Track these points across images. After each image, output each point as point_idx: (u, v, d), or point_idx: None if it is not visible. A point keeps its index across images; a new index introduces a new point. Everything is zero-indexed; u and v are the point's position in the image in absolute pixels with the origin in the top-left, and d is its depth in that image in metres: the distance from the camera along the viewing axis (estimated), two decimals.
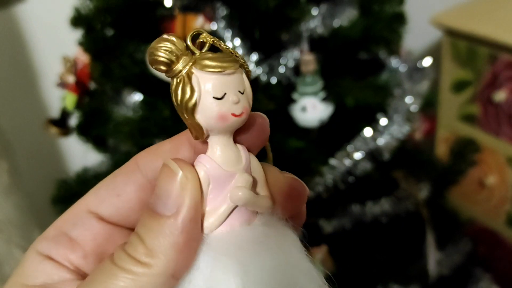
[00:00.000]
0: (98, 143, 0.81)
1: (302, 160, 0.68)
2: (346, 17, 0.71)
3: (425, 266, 0.83)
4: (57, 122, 0.80)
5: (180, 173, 0.19)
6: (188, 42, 0.20)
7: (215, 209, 0.20)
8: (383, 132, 0.69)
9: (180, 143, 0.22)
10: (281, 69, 0.70)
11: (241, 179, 0.20)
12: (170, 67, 0.20)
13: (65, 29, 0.75)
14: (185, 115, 0.20)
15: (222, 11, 0.67)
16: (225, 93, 0.20)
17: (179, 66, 0.19)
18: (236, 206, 0.20)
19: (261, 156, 0.23)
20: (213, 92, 0.19)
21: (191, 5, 0.67)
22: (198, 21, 0.69)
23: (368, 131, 0.70)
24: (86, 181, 0.78)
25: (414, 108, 0.70)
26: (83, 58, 0.77)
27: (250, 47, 0.68)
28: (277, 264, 0.20)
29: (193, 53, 0.20)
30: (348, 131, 0.71)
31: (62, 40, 0.81)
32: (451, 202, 0.95)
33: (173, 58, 0.19)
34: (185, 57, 0.20)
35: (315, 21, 0.69)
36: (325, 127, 0.70)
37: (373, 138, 0.69)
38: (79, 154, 0.87)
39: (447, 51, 1.14)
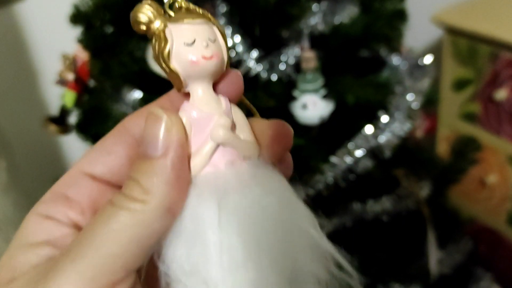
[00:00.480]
0: (98, 140, 0.80)
1: (302, 158, 0.68)
2: (346, 14, 0.70)
3: (426, 265, 0.82)
4: (56, 120, 0.80)
5: (165, 117, 0.21)
6: (165, 6, 0.23)
7: (199, 150, 0.22)
8: (384, 130, 0.69)
9: (162, 103, 0.24)
10: (282, 66, 0.69)
11: (221, 118, 0.22)
12: (149, 27, 0.22)
13: (64, 27, 0.75)
14: (164, 65, 0.22)
15: (222, 8, 0.67)
16: (195, 39, 0.22)
17: (155, 24, 0.22)
18: (219, 146, 0.22)
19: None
20: (183, 38, 0.22)
21: (191, 2, 0.67)
22: None
23: (369, 129, 0.69)
24: None
25: (415, 105, 0.70)
26: (83, 55, 0.76)
27: (250, 44, 0.68)
28: (261, 200, 0.21)
29: (169, 16, 0.23)
30: (349, 129, 0.70)
31: (61, 38, 0.80)
32: (452, 201, 0.95)
33: (152, 18, 0.22)
34: (161, 17, 0.22)
35: (315, 18, 0.69)
36: (326, 124, 0.70)
37: (374, 135, 0.69)
38: (78, 152, 0.87)
39: (448, 49, 1.14)
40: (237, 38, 0.67)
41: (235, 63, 0.67)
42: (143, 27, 0.22)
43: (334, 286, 0.23)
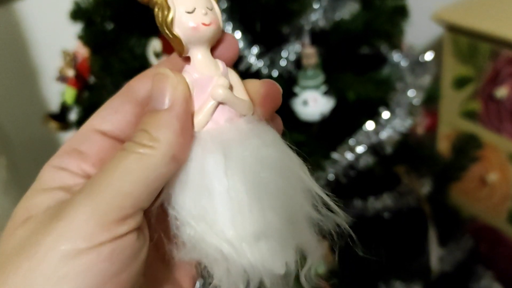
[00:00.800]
0: None
1: (303, 154, 0.68)
2: (347, 10, 0.70)
3: (427, 262, 0.82)
4: (57, 116, 0.80)
5: (171, 75, 0.23)
6: None
7: (201, 108, 0.24)
8: (385, 126, 0.69)
9: (164, 66, 0.26)
10: (282, 62, 0.69)
11: (220, 79, 0.24)
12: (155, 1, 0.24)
13: (64, 23, 0.75)
14: (167, 32, 0.24)
15: (223, 3, 0.67)
16: (195, 8, 0.24)
17: None
18: (219, 104, 0.24)
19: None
20: (184, 7, 0.24)
21: None
22: None
23: (370, 125, 0.69)
24: None
25: (416, 101, 0.70)
26: (83, 52, 0.76)
27: (251, 40, 0.67)
28: (260, 150, 0.23)
29: None
30: (350, 125, 0.70)
31: (61, 34, 0.80)
32: (452, 199, 0.95)
33: None
34: None
35: (316, 14, 0.68)
36: (327, 121, 0.70)
37: (375, 131, 0.69)
38: None
39: (449, 47, 1.14)
40: (238, 34, 0.67)
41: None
42: (146, 1, 0.24)
43: (325, 225, 0.25)
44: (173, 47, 0.25)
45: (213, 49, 0.25)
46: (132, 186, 0.21)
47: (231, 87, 0.24)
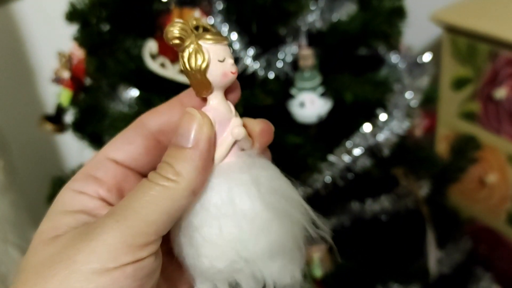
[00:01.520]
0: (94, 140, 0.80)
1: (300, 156, 0.67)
2: (344, 11, 0.70)
3: (425, 264, 0.82)
4: (52, 118, 0.79)
5: (199, 116, 0.26)
6: (191, 25, 0.28)
7: (220, 144, 0.27)
8: (383, 128, 0.68)
9: (174, 104, 0.29)
10: (279, 64, 0.69)
11: (238, 120, 0.28)
12: (182, 41, 0.27)
13: (60, 24, 0.74)
14: (198, 76, 0.27)
15: (219, 5, 0.66)
16: (224, 58, 0.27)
17: (189, 40, 0.27)
18: (235, 142, 0.27)
19: None
20: (217, 56, 0.27)
21: None
22: (195, 16, 0.68)
23: (367, 127, 0.69)
24: None
25: (414, 103, 0.70)
26: (79, 53, 0.76)
27: (247, 41, 0.67)
28: (271, 179, 0.27)
29: (196, 35, 0.28)
30: (347, 127, 0.70)
31: (57, 35, 0.80)
32: (451, 201, 0.95)
33: (184, 34, 0.27)
34: (193, 35, 0.27)
35: (313, 15, 0.68)
36: (324, 122, 0.69)
37: (373, 133, 0.68)
38: (76, 151, 0.86)
39: (447, 48, 1.13)
40: (234, 36, 0.66)
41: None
42: (177, 41, 0.27)
43: (314, 238, 0.28)
44: (195, 88, 0.28)
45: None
46: (156, 215, 0.24)
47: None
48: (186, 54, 0.27)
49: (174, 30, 0.27)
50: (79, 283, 0.23)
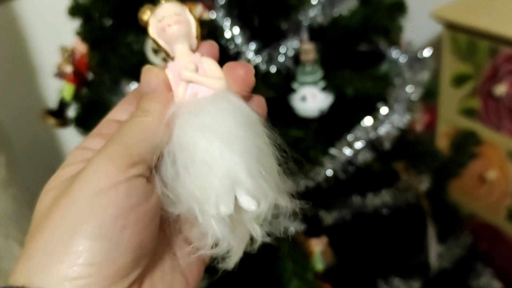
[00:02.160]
0: None
1: (301, 150, 0.68)
2: (346, 6, 0.70)
3: (426, 259, 0.82)
4: (55, 113, 0.80)
5: (153, 67, 0.30)
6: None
7: (177, 86, 0.30)
8: (384, 121, 0.68)
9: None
10: (281, 58, 0.69)
11: (187, 65, 0.30)
12: (145, 22, 0.31)
13: (63, 19, 0.75)
14: (156, 43, 0.31)
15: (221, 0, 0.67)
16: (164, 16, 0.30)
17: (147, 17, 0.31)
18: (188, 83, 0.30)
19: None
20: (157, 18, 0.30)
21: None
22: (197, 10, 0.69)
23: (368, 120, 0.69)
24: None
25: (414, 97, 0.70)
26: (81, 48, 0.76)
27: (249, 36, 0.67)
28: (225, 106, 0.29)
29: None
30: (348, 121, 0.70)
31: (60, 30, 0.80)
32: (451, 197, 0.95)
33: (148, 17, 0.31)
34: (151, 12, 0.31)
35: (314, 10, 0.68)
36: (325, 116, 0.70)
37: (374, 127, 0.68)
38: None
39: (448, 44, 1.14)
40: (236, 30, 0.67)
41: (234, 54, 0.67)
42: (142, 23, 0.31)
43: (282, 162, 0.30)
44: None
45: (197, 48, 0.32)
46: (134, 141, 0.28)
47: (198, 70, 0.30)
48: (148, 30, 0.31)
49: (144, 11, 0.31)
50: (79, 208, 0.25)
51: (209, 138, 0.27)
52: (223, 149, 0.27)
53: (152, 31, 0.31)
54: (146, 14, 0.31)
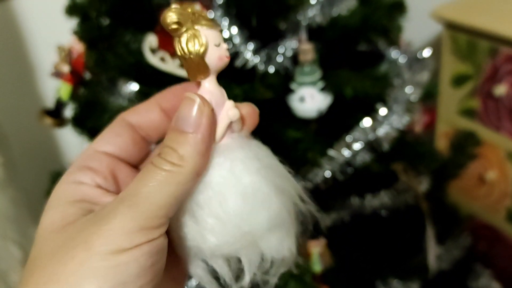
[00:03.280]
0: (94, 134, 0.80)
1: (300, 151, 0.67)
2: (345, 6, 0.70)
3: (425, 260, 0.82)
4: (52, 112, 0.79)
5: (198, 100, 0.27)
6: (189, 10, 0.28)
7: (219, 125, 0.28)
8: (383, 122, 0.68)
9: (151, 104, 0.31)
10: (279, 58, 0.68)
11: (231, 103, 0.29)
12: (181, 26, 0.27)
13: (60, 18, 0.74)
14: (196, 60, 0.28)
15: None
16: (220, 42, 0.28)
17: (187, 25, 0.27)
18: (231, 123, 0.29)
19: None
20: (214, 41, 0.28)
21: None
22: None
23: (367, 121, 0.69)
24: None
25: (414, 98, 0.69)
26: (78, 47, 0.76)
27: (247, 35, 0.67)
28: (265, 157, 0.29)
29: (192, 20, 0.28)
30: (347, 122, 0.70)
31: (57, 29, 0.80)
32: (451, 197, 0.95)
33: (181, 19, 0.27)
34: (189, 19, 0.27)
35: (313, 9, 0.68)
36: (324, 117, 0.69)
37: (373, 128, 0.68)
38: (75, 146, 0.86)
39: (447, 44, 1.13)
40: (234, 30, 0.66)
41: (232, 55, 0.66)
42: (175, 26, 0.27)
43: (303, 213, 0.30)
44: (191, 72, 0.29)
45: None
46: (165, 199, 0.26)
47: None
48: (184, 39, 0.27)
49: (173, 15, 0.27)
50: (98, 262, 0.24)
51: (256, 187, 0.27)
52: (267, 202, 0.27)
53: (203, 49, 0.27)
54: (177, 18, 0.27)
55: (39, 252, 0.26)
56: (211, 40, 0.28)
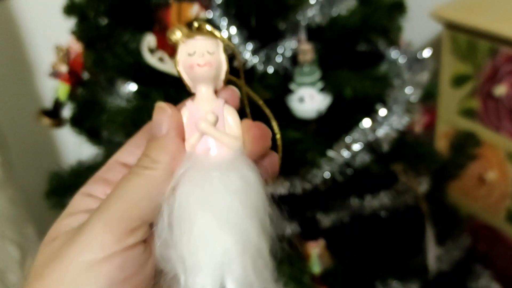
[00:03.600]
0: (92, 135, 0.79)
1: (299, 152, 0.67)
2: (344, 6, 0.69)
3: (424, 261, 0.82)
4: (50, 113, 0.79)
5: (168, 108, 0.28)
6: (193, 28, 0.29)
7: (191, 134, 0.28)
8: (382, 123, 0.68)
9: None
10: (278, 59, 0.68)
11: (209, 115, 0.28)
12: (174, 41, 0.28)
13: (58, 18, 0.74)
14: (177, 69, 0.28)
15: None
16: (195, 51, 0.27)
17: (177, 38, 0.28)
18: (203, 135, 0.28)
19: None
20: (188, 50, 0.28)
21: None
22: (194, 9, 0.68)
23: (366, 122, 0.68)
24: (80, 173, 0.77)
25: (414, 98, 0.69)
26: (76, 47, 0.75)
27: (246, 36, 0.67)
28: (230, 182, 0.26)
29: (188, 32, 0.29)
30: (347, 122, 0.69)
31: (55, 29, 0.79)
32: (450, 198, 0.94)
33: (178, 38, 0.28)
34: (184, 36, 0.28)
35: (313, 9, 0.67)
36: (323, 118, 0.69)
37: (372, 129, 0.68)
38: (73, 146, 0.86)
39: (447, 44, 1.13)
40: (233, 30, 0.66)
41: (230, 55, 0.66)
42: (170, 42, 0.28)
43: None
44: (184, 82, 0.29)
45: (219, 90, 0.29)
46: (137, 200, 0.26)
47: (218, 122, 0.28)
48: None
49: (171, 32, 0.28)
50: (72, 278, 0.24)
51: (208, 217, 0.25)
52: (221, 233, 0.25)
53: (178, 61, 0.28)
54: (175, 34, 0.28)
55: (34, 264, 0.26)
56: (186, 49, 0.28)
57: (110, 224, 0.25)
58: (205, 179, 0.26)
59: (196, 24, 0.28)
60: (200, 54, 0.27)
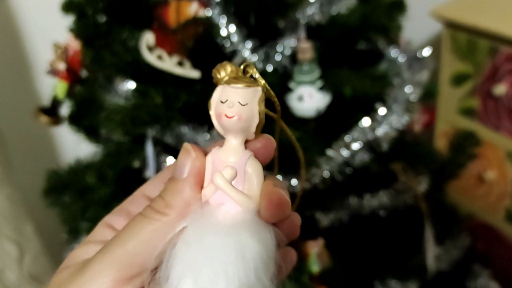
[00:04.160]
0: (90, 133, 0.79)
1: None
2: (344, 4, 0.69)
3: (424, 261, 0.81)
4: (48, 110, 0.78)
5: (192, 151, 0.27)
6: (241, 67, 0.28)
7: (209, 183, 0.27)
8: (382, 122, 0.67)
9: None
10: (277, 57, 0.68)
11: (226, 169, 0.27)
12: (216, 83, 0.27)
13: (56, 15, 0.73)
14: (210, 113, 0.28)
15: None
16: (227, 99, 0.26)
17: (217, 79, 0.27)
18: (218, 188, 0.27)
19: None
20: (220, 95, 0.27)
21: None
22: (192, 7, 0.67)
23: (366, 121, 0.68)
24: (78, 171, 0.76)
25: (413, 97, 0.69)
26: (74, 45, 0.75)
27: (245, 34, 0.66)
28: (231, 244, 0.25)
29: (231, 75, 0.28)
30: (346, 121, 0.69)
31: (53, 27, 0.79)
32: (450, 197, 0.94)
33: (222, 76, 0.27)
34: (225, 77, 0.27)
35: (312, 8, 0.67)
36: (322, 116, 0.69)
37: (372, 128, 0.67)
38: (72, 144, 0.85)
39: (447, 43, 1.13)
40: (232, 28, 0.65)
41: (229, 53, 0.66)
42: (214, 80, 0.27)
43: None
44: None
45: (250, 141, 0.28)
46: (141, 247, 0.25)
47: (237, 178, 0.27)
48: None
49: (216, 71, 0.27)
50: None
51: (197, 277, 0.24)
52: None
53: (211, 105, 0.27)
54: (219, 74, 0.27)
55: (50, 284, 0.26)
56: (219, 96, 0.27)
57: (109, 268, 0.24)
58: (207, 235, 0.25)
59: (242, 66, 0.27)
60: (230, 104, 0.26)
